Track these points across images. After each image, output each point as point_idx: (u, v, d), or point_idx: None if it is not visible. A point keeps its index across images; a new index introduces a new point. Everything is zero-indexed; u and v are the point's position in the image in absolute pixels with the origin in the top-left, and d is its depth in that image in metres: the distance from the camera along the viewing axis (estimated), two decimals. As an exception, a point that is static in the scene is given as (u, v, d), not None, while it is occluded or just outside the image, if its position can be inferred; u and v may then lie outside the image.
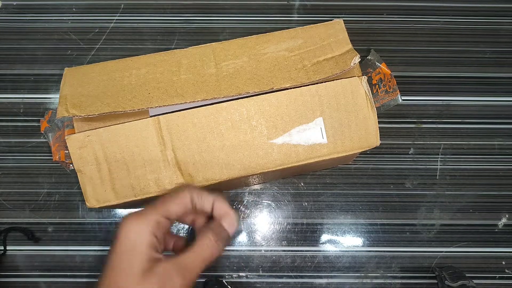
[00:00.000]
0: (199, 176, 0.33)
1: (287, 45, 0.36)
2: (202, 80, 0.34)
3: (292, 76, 0.34)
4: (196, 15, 0.49)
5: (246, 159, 0.34)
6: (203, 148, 0.33)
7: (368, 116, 0.34)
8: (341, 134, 0.34)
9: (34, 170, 0.45)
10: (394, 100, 0.37)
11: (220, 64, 0.35)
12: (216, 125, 0.33)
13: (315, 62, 0.35)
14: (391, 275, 0.45)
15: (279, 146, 0.34)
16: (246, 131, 0.34)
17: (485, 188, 0.46)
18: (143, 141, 0.33)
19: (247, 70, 0.34)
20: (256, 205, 0.45)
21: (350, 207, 0.46)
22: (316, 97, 0.34)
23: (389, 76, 0.37)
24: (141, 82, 0.34)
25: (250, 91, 0.33)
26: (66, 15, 0.49)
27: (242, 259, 0.45)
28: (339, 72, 0.34)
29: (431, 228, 0.45)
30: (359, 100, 0.34)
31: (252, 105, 0.33)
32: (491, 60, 0.49)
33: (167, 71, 0.35)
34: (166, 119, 0.33)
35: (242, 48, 0.35)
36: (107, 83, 0.34)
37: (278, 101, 0.34)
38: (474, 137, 0.47)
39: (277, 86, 0.33)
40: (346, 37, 0.36)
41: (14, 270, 0.44)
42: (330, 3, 0.50)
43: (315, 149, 0.34)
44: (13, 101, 0.47)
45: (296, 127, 0.34)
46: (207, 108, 0.33)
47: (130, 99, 0.33)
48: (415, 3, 0.50)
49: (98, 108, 0.33)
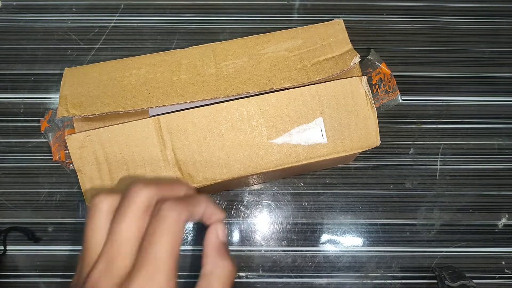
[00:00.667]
0: (199, 176, 0.33)
1: (287, 45, 0.36)
2: (202, 80, 0.34)
3: (292, 76, 0.34)
4: (196, 15, 0.49)
5: (246, 159, 0.34)
6: (203, 148, 0.33)
7: (368, 116, 0.34)
8: (341, 134, 0.34)
9: (34, 170, 0.45)
10: (394, 100, 0.37)
11: (220, 64, 0.35)
12: (216, 125, 0.33)
13: (315, 62, 0.35)
14: (391, 275, 0.45)
15: (279, 146, 0.34)
16: (246, 131, 0.34)
17: (485, 188, 0.46)
18: (143, 141, 0.33)
19: (247, 70, 0.34)
20: (256, 205, 0.45)
21: (350, 207, 0.46)
22: (316, 97, 0.34)
23: (389, 76, 0.37)
24: (141, 82, 0.34)
25: (250, 91, 0.33)
26: (66, 15, 0.49)
27: (242, 259, 0.45)
28: (339, 72, 0.34)
29: (431, 228, 0.45)
30: (359, 100, 0.34)
31: (252, 105, 0.34)
32: (491, 60, 0.49)
33: (167, 71, 0.35)
34: (166, 119, 0.33)
35: (242, 48, 0.35)
36: (107, 83, 0.34)
37: (278, 101, 0.34)
38: (474, 137, 0.47)
39: (277, 86, 0.33)
40: (346, 37, 0.36)
41: (14, 270, 0.44)
42: (330, 3, 0.50)
43: (315, 149, 0.34)
44: (13, 101, 0.47)
45: (296, 127, 0.34)
46: (207, 108, 0.33)
47: (130, 99, 0.33)
48: (415, 3, 0.50)
49: (98, 108, 0.33)
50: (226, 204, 0.45)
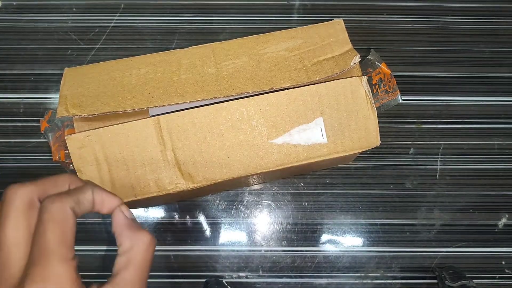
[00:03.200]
0: (199, 176, 0.33)
1: (287, 45, 0.36)
2: (202, 80, 0.34)
3: (292, 76, 0.34)
4: (196, 15, 0.49)
5: (246, 159, 0.34)
6: (203, 148, 0.33)
7: (368, 116, 0.34)
8: (341, 134, 0.34)
9: (34, 170, 0.45)
10: (394, 100, 0.37)
11: (220, 64, 0.35)
12: (216, 125, 0.33)
13: (315, 62, 0.35)
14: (391, 275, 0.45)
15: (279, 146, 0.34)
16: (246, 131, 0.33)
17: (485, 188, 0.46)
18: (143, 141, 0.33)
19: (247, 70, 0.34)
20: (256, 205, 0.45)
21: (350, 207, 0.46)
22: (316, 97, 0.34)
23: (389, 76, 0.37)
24: (141, 82, 0.34)
25: (250, 91, 0.33)
26: (66, 15, 0.49)
27: (242, 259, 0.45)
28: (339, 72, 0.34)
29: (431, 228, 0.45)
30: (359, 100, 0.34)
31: (252, 105, 0.33)
32: (490, 60, 0.49)
33: (167, 71, 0.35)
34: (166, 119, 0.33)
35: (242, 48, 0.35)
36: (107, 83, 0.34)
37: (278, 101, 0.34)
38: (474, 137, 0.47)
39: (277, 86, 0.33)
40: (346, 37, 0.36)
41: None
42: (330, 3, 0.50)
43: (315, 149, 0.34)
44: (13, 101, 0.47)
45: (296, 127, 0.34)
46: (207, 108, 0.33)
47: (130, 99, 0.33)
48: (415, 3, 0.50)
49: (98, 108, 0.33)
50: (226, 204, 0.45)
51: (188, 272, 0.44)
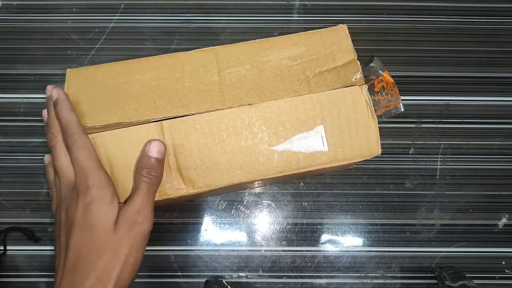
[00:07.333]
0: (200, 182, 0.34)
1: (290, 53, 0.36)
2: (205, 89, 0.34)
3: (294, 88, 0.34)
4: (196, 15, 0.49)
5: (247, 165, 0.34)
6: (205, 153, 0.34)
7: (369, 125, 0.34)
8: (342, 142, 0.34)
9: (35, 170, 0.45)
10: (396, 109, 0.37)
11: (223, 71, 0.35)
12: (218, 131, 0.34)
13: (317, 73, 0.35)
14: (391, 275, 0.45)
15: (280, 153, 0.34)
16: (247, 137, 0.34)
17: (485, 188, 0.46)
18: (146, 145, 0.33)
19: (250, 80, 0.35)
20: (256, 205, 0.46)
21: (350, 207, 0.46)
22: (317, 105, 0.34)
23: (392, 84, 0.37)
24: (146, 89, 0.34)
25: (253, 103, 0.34)
26: (66, 15, 0.49)
27: (242, 259, 0.45)
28: (340, 86, 0.34)
29: (431, 228, 0.45)
30: (360, 109, 0.34)
31: (253, 112, 0.34)
32: (491, 60, 0.49)
33: (170, 78, 0.35)
34: (169, 124, 0.33)
35: (245, 54, 0.35)
36: (112, 89, 0.34)
37: (280, 108, 0.34)
38: (474, 137, 0.47)
39: (279, 98, 0.34)
40: (350, 45, 0.36)
41: (14, 270, 0.44)
42: (330, 3, 0.50)
43: (315, 157, 0.34)
44: (14, 101, 0.47)
45: (297, 134, 0.34)
46: (210, 114, 0.34)
47: (136, 109, 0.34)
48: (415, 3, 0.50)
49: (105, 118, 0.33)
50: (226, 204, 0.45)
51: (188, 272, 0.44)
